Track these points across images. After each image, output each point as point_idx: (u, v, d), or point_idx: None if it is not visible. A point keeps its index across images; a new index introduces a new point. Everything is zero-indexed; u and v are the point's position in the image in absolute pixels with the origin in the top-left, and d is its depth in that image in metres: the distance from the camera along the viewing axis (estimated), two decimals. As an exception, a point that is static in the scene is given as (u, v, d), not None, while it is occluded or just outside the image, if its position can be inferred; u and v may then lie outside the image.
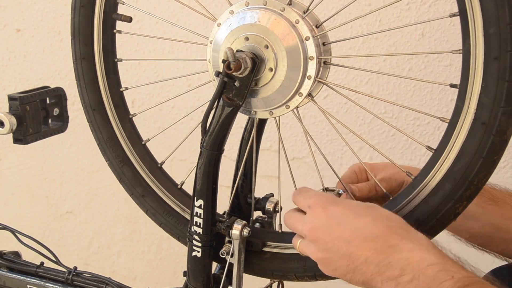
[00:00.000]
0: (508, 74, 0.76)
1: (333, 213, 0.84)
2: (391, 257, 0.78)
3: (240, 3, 0.92)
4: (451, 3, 1.60)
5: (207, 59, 0.97)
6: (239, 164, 1.05)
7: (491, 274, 1.11)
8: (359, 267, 0.81)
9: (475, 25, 0.78)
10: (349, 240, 0.81)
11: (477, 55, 0.79)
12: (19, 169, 2.31)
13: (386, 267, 0.78)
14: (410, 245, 0.78)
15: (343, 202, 0.87)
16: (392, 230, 0.80)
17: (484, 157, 0.81)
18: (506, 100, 0.77)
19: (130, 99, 1.17)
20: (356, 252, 0.81)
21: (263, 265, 1.02)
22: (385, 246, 0.79)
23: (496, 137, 0.79)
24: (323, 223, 0.84)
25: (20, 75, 2.17)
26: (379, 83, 1.71)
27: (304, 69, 0.89)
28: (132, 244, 2.23)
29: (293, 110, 0.94)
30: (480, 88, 0.79)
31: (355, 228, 0.82)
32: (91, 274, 1.15)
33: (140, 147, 1.13)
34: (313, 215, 0.86)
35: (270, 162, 1.74)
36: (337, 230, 0.83)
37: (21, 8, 2.09)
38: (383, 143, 1.74)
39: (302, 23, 0.88)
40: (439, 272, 0.75)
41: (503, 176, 1.67)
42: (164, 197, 1.11)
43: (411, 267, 0.76)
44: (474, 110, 0.80)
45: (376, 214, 0.83)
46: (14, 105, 1.14)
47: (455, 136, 0.83)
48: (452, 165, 0.84)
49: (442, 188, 0.85)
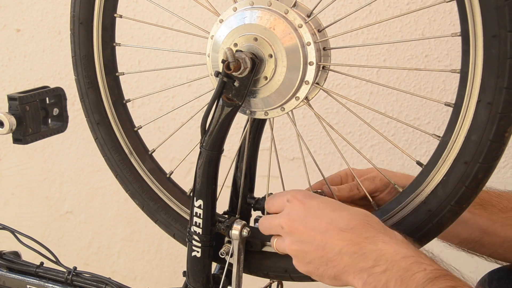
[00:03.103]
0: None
1: (310, 205, 0.86)
2: (366, 248, 0.79)
3: (244, 2, 0.92)
4: (450, 4, 1.60)
5: (207, 53, 0.97)
6: (239, 164, 1.05)
7: (489, 275, 1.12)
8: (332, 259, 0.81)
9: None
10: (324, 230, 0.83)
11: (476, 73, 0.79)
12: (19, 169, 2.31)
13: (359, 258, 0.79)
14: (385, 238, 0.79)
15: (321, 197, 0.89)
16: (369, 224, 0.82)
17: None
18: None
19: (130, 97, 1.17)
20: (331, 243, 0.82)
21: (262, 265, 1.02)
22: (361, 237, 0.80)
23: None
24: (300, 215, 0.86)
25: (20, 75, 2.17)
26: (379, 83, 1.71)
27: (303, 74, 0.89)
28: (132, 244, 2.23)
29: (287, 112, 0.94)
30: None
31: (331, 219, 0.83)
32: (91, 274, 1.15)
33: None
34: (291, 208, 0.88)
35: (271, 162, 1.74)
36: (313, 221, 0.84)
37: (21, 8, 2.09)
38: (383, 143, 1.74)
39: (304, 27, 0.88)
40: (412, 264, 0.76)
41: (503, 176, 1.67)
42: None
43: (385, 258, 0.77)
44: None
45: (352, 209, 0.85)
46: (13, 105, 1.14)
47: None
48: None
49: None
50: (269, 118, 0.97)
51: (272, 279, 1.09)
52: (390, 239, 0.79)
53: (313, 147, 1.80)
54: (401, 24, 1.66)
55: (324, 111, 1.76)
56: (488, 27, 0.76)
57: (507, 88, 0.76)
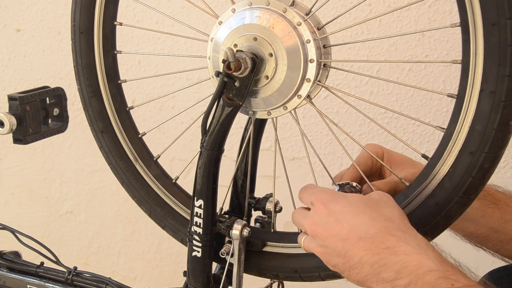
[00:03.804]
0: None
1: (333, 210, 0.84)
2: (386, 258, 0.77)
3: (243, 2, 0.92)
4: (450, 3, 1.60)
5: (207, 56, 0.97)
6: (239, 164, 1.05)
7: (489, 275, 1.11)
8: (354, 266, 0.80)
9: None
10: (345, 238, 0.81)
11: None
12: (19, 169, 2.31)
13: (380, 269, 0.77)
14: (407, 248, 0.77)
15: (345, 199, 0.85)
16: (389, 232, 0.79)
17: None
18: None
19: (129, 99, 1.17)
20: (351, 251, 0.80)
21: (263, 265, 1.02)
22: (380, 247, 0.78)
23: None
24: (323, 220, 0.84)
25: (20, 75, 2.17)
26: (379, 82, 1.71)
27: (304, 72, 0.89)
28: (132, 244, 2.23)
29: (290, 111, 0.94)
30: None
31: (351, 226, 0.81)
32: (91, 274, 1.15)
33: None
34: (314, 211, 0.86)
35: (270, 162, 1.74)
36: (335, 227, 0.83)
37: (21, 8, 2.09)
38: (383, 143, 1.73)
39: (303, 25, 0.88)
40: (438, 279, 0.73)
41: (503, 176, 1.68)
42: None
43: (408, 270, 0.75)
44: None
45: (375, 213, 0.82)
46: (14, 105, 1.14)
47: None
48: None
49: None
50: (272, 118, 0.97)
51: (274, 280, 1.09)
52: (412, 249, 0.77)
53: (314, 147, 1.79)
54: (401, 24, 1.66)
55: (325, 111, 1.76)
56: (487, 16, 0.76)
57: (509, 75, 0.76)
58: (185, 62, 1.89)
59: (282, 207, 1.09)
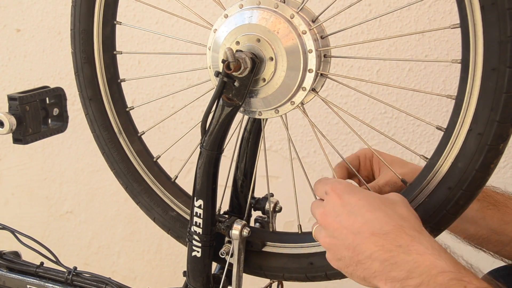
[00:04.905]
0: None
1: (347, 201, 0.83)
2: (398, 257, 0.76)
3: (234, 7, 0.92)
4: (450, 4, 1.60)
5: (208, 65, 0.97)
6: (239, 164, 1.05)
7: (489, 275, 1.11)
8: (362, 261, 0.79)
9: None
10: (357, 231, 0.80)
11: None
12: (19, 169, 2.31)
13: (391, 267, 0.76)
14: (420, 247, 0.76)
15: (361, 192, 0.84)
16: (403, 230, 0.78)
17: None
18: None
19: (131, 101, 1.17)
20: (362, 245, 0.79)
21: (262, 265, 1.02)
22: (393, 245, 0.77)
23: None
24: (336, 210, 0.83)
25: (20, 75, 2.17)
26: (379, 82, 1.71)
27: (305, 63, 0.89)
28: (132, 244, 2.23)
29: (298, 105, 0.94)
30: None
31: (365, 221, 0.80)
32: (91, 274, 1.15)
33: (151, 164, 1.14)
34: (328, 201, 0.85)
35: (270, 162, 1.74)
36: (347, 220, 0.81)
37: (21, 8, 2.09)
38: (382, 143, 1.73)
39: (297, 17, 0.88)
40: (451, 280, 0.72)
41: (503, 176, 1.68)
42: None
43: (419, 271, 0.74)
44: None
45: (391, 211, 0.81)
46: (13, 105, 1.14)
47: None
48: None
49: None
50: (281, 116, 0.97)
51: (273, 280, 1.09)
52: (425, 249, 0.76)
53: (314, 147, 1.80)
54: (401, 24, 1.66)
55: (325, 111, 1.76)
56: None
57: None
58: (185, 62, 1.89)
59: (282, 207, 1.09)
